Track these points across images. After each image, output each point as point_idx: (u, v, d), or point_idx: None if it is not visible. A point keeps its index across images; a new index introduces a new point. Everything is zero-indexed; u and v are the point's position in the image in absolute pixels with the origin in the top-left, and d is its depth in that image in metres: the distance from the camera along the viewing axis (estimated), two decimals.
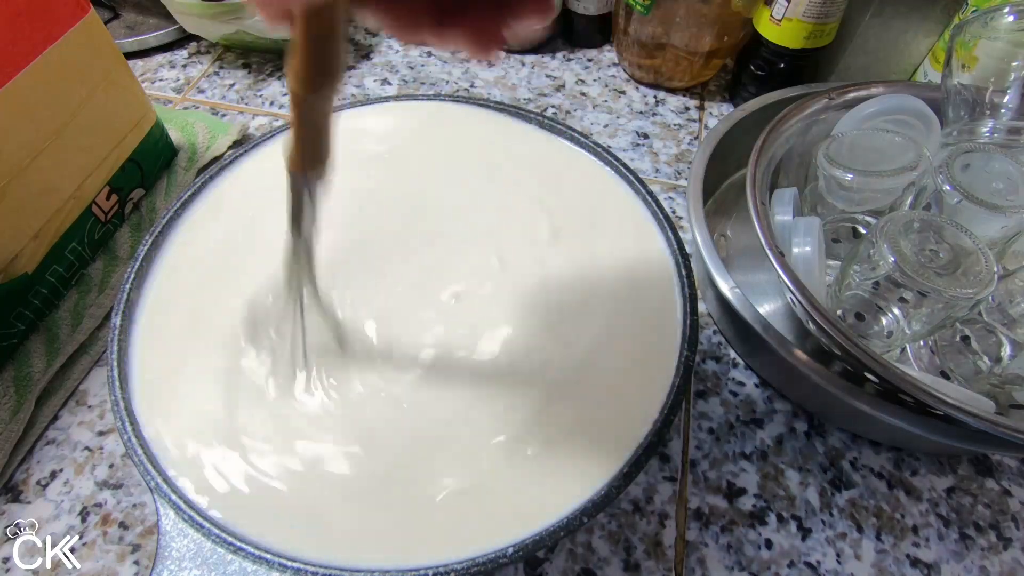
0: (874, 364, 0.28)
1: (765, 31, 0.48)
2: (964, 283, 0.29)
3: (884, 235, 0.31)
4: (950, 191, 0.33)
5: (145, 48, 0.57)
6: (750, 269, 0.39)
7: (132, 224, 0.42)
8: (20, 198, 0.33)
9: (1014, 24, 0.34)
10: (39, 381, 0.35)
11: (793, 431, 0.36)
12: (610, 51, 0.59)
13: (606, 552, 0.31)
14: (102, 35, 0.37)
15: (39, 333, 0.36)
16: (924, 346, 0.36)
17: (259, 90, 0.54)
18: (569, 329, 0.29)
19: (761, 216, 0.33)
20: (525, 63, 0.57)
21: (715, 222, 0.43)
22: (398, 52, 0.58)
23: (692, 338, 0.28)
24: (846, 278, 0.34)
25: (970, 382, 0.34)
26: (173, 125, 0.47)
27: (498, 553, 0.23)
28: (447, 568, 0.22)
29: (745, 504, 0.33)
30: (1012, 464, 0.35)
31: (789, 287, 0.30)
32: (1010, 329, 0.34)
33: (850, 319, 0.35)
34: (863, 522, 0.33)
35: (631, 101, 0.54)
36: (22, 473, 0.33)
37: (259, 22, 0.49)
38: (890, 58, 0.49)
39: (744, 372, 0.38)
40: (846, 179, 0.35)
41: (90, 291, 0.39)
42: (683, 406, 0.36)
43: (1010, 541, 0.32)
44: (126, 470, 0.33)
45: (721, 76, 0.56)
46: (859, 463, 0.35)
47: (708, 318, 0.40)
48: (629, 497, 0.33)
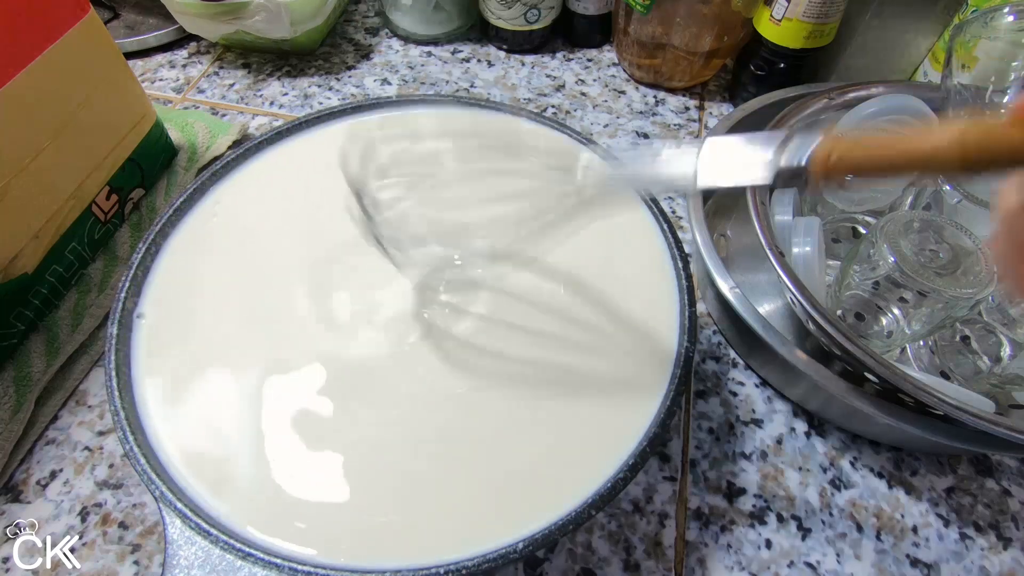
0: (874, 364, 0.28)
1: (765, 31, 0.48)
2: (964, 283, 0.29)
3: (884, 235, 0.31)
4: (950, 191, 0.33)
5: (145, 48, 0.57)
6: (750, 269, 0.39)
7: (132, 224, 0.42)
8: (20, 198, 0.33)
9: (1014, 24, 0.34)
10: (39, 381, 0.35)
11: (793, 431, 0.36)
12: (610, 51, 0.59)
13: (606, 552, 0.31)
14: (102, 35, 0.37)
15: (39, 333, 0.36)
16: (924, 346, 0.36)
17: (259, 90, 0.54)
18: (568, 326, 0.29)
19: (761, 216, 0.33)
20: (525, 63, 0.57)
21: (715, 222, 0.43)
22: (398, 52, 0.58)
23: (691, 330, 0.28)
24: (846, 278, 0.34)
25: (970, 382, 0.34)
26: (173, 125, 0.47)
27: (508, 549, 0.23)
28: (459, 566, 0.22)
29: (745, 504, 0.33)
30: (1012, 464, 0.35)
31: (789, 287, 0.30)
32: (1010, 329, 0.34)
33: (850, 319, 0.35)
34: (863, 522, 0.33)
35: (631, 101, 0.54)
36: (22, 473, 0.33)
37: (259, 22, 0.49)
38: (890, 58, 0.49)
39: (744, 372, 0.38)
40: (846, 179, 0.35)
41: (90, 291, 0.39)
42: (683, 405, 0.36)
43: (1010, 541, 0.32)
44: (126, 470, 0.33)
45: (721, 76, 0.56)
46: (859, 463, 0.35)
47: (708, 318, 0.40)
48: (629, 497, 0.33)
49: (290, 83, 0.55)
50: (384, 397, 0.27)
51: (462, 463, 0.26)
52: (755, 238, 0.32)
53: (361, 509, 0.25)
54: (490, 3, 0.54)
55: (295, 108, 0.53)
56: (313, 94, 0.54)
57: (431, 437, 0.26)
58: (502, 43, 0.58)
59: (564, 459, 0.26)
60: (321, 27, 0.54)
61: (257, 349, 0.29)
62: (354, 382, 0.28)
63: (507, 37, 0.57)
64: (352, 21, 0.61)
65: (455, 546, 0.23)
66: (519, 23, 0.55)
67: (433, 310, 0.30)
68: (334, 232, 0.31)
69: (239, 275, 0.31)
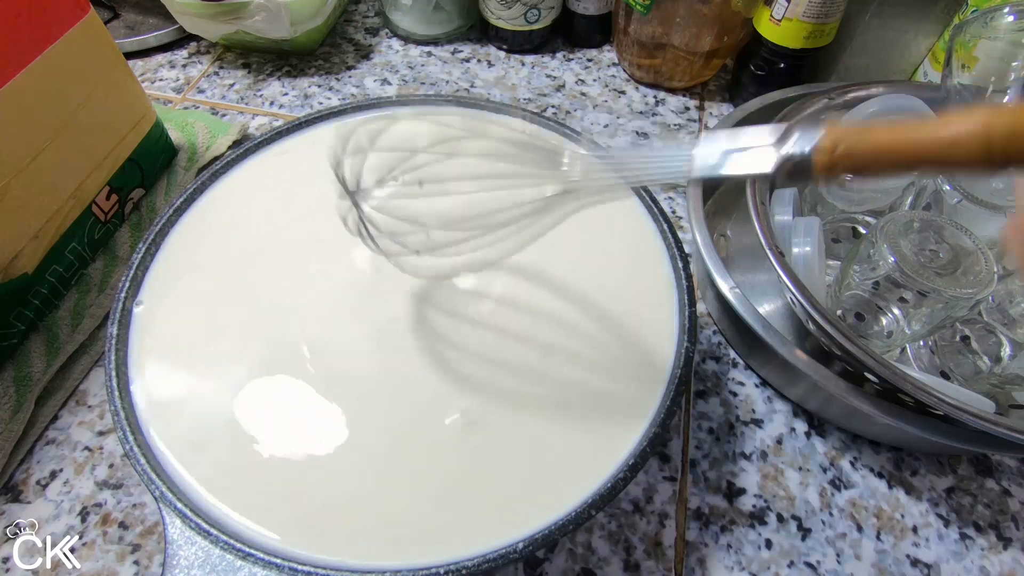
0: (874, 364, 0.28)
1: (765, 31, 0.48)
2: (964, 283, 0.29)
3: (884, 235, 0.31)
4: (950, 191, 0.33)
5: (145, 48, 0.57)
6: (750, 269, 0.39)
7: (132, 224, 0.42)
8: (20, 198, 0.33)
9: (1014, 24, 0.34)
10: (39, 381, 0.35)
11: (793, 431, 0.36)
12: (610, 51, 0.59)
13: (606, 552, 0.31)
14: (102, 35, 0.37)
15: (39, 333, 0.36)
16: (924, 346, 0.36)
17: (259, 90, 0.54)
18: (567, 326, 0.29)
19: (761, 216, 0.33)
20: (525, 63, 0.57)
21: (715, 222, 0.43)
22: (398, 52, 0.58)
23: (691, 330, 0.28)
24: (846, 278, 0.34)
25: (970, 382, 0.34)
26: (173, 125, 0.47)
27: (508, 549, 0.23)
28: (459, 566, 0.22)
29: (745, 504, 0.33)
30: (1012, 464, 0.35)
31: (789, 287, 0.30)
32: (1010, 329, 0.34)
33: (850, 319, 0.35)
34: (863, 522, 0.33)
35: (631, 101, 0.54)
36: (22, 473, 0.33)
37: (259, 22, 0.49)
38: (890, 58, 0.49)
39: (744, 372, 0.38)
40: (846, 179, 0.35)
41: (90, 291, 0.39)
42: (683, 405, 0.36)
43: (1010, 541, 0.32)
44: (126, 470, 0.33)
45: (721, 76, 0.56)
46: (859, 463, 0.35)
47: (708, 318, 0.40)
48: (629, 497, 0.33)
49: (290, 83, 0.55)
50: (384, 396, 0.27)
51: (462, 463, 0.26)
52: (755, 238, 0.32)
53: (361, 508, 0.25)
54: (490, 3, 0.54)
55: (295, 108, 0.53)
56: (313, 94, 0.54)
57: (431, 437, 0.26)
58: (502, 43, 0.58)
59: (564, 459, 0.26)
60: (321, 27, 0.54)
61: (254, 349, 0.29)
62: (355, 382, 0.28)
63: (507, 37, 0.57)
64: (352, 21, 0.61)
65: (455, 546, 0.23)
66: (519, 23, 0.55)
67: (432, 310, 0.30)
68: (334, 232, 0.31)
69: (239, 275, 0.31)
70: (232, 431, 0.26)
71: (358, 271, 0.31)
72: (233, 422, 0.26)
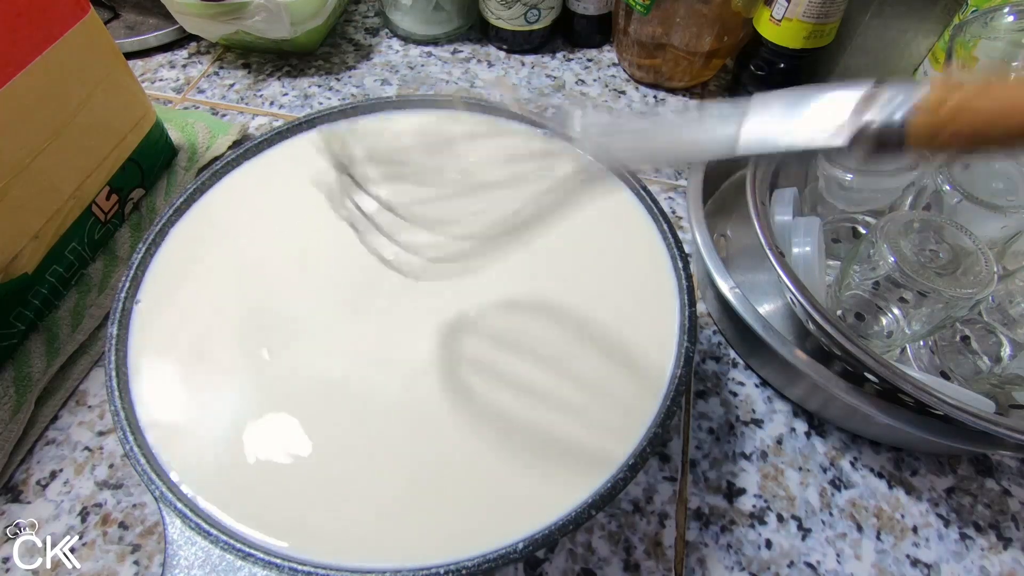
0: (874, 364, 0.28)
1: (765, 31, 0.48)
2: (964, 283, 0.29)
3: (884, 235, 0.31)
4: (950, 191, 0.33)
5: (145, 48, 0.57)
6: (750, 269, 0.39)
7: (132, 224, 0.42)
8: (20, 198, 0.33)
9: (1014, 24, 0.34)
10: (39, 381, 0.35)
11: (793, 431, 0.36)
12: (610, 51, 0.59)
13: (606, 552, 0.31)
14: (102, 35, 0.37)
15: (39, 333, 0.36)
16: (924, 346, 0.36)
17: (259, 90, 0.54)
18: (567, 326, 0.29)
19: (761, 216, 0.33)
20: (525, 63, 0.57)
21: (715, 222, 0.43)
22: (398, 52, 0.58)
23: (691, 330, 0.28)
24: (846, 278, 0.34)
25: (970, 382, 0.34)
26: (173, 125, 0.47)
27: (508, 549, 0.23)
28: (459, 566, 0.22)
29: (745, 504, 0.33)
30: (1012, 464, 0.35)
31: (789, 287, 0.30)
32: (1010, 329, 0.34)
33: (850, 319, 0.35)
34: (863, 522, 0.33)
35: (631, 101, 0.54)
36: (22, 473, 0.33)
37: (259, 22, 0.49)
38: (890, 58, 0.49)
39: (744, 372, 0.38)
40: (846, 179, 0.35)
41: (90, 291, 0.39)
42: (683, 405, 0.36)
43: (1010, 541, 0.32)
44: (126, 470, 0.33)
45: (721, 76, 0.56)
46: (859, 463, 0.35)
47: (708, 318, 0.40)
48: (629, 497, 0.33)
49: (290, 83, 0.55)
50: (384, 396, 0.27)
51: (462, 462, 0.26)
52: (755, 238, 0.32)
53: (361, 509, 0.25)
54: (490, 3, 0.54)
55: (295, 108, 0.53)
56: (313, 94, 0.54)
57: (432, 437, 0.26)
58: (502, 43, 0.58)
59: (564, 459, 0.26)
60: (321, 27, 0.54)
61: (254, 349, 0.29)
62: (355, 383, 0.28)
63: (507, 37, 0.57)
64: (352, 21, 0.61)
65: (455, 546, 0.23)
66: (519, 23, 0.55)
67: (434, 309, 0.30)
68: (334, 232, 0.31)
69: (239, 275, 0.31)
70: (232, 431, 0.26)
71: (358, 271, 0.31)
72: (233, 423, 0.26)
